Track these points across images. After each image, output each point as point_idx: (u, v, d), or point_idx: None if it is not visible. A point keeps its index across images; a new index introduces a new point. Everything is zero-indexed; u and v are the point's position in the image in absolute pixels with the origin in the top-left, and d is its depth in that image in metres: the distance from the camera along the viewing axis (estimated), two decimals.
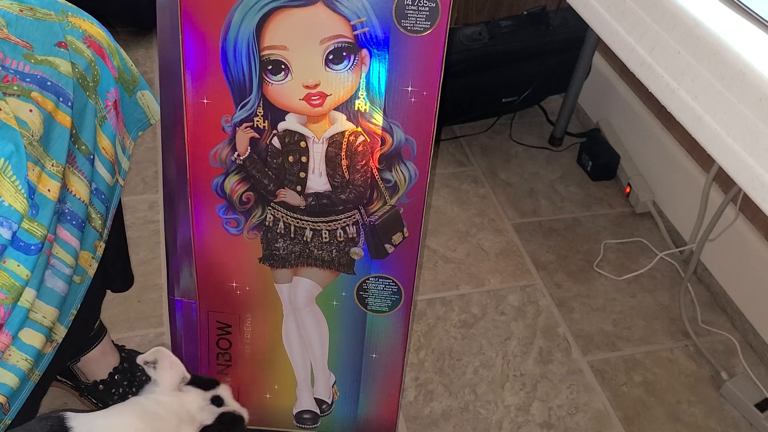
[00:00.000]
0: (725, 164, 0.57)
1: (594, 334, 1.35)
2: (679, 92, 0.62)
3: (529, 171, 1.70)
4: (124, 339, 1.23)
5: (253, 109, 0.86)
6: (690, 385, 1.28)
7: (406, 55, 0.82)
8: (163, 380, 0.85)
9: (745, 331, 1.36)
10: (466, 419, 1.19)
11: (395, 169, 0.89)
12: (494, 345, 1.31)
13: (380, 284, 0.96)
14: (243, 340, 1.02)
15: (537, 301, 1.40)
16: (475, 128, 1.79)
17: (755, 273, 1.32)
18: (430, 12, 0.80)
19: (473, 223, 1.56)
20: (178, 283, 0.98)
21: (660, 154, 1.58)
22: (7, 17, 0.73)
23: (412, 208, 0.91)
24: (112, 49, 0.84)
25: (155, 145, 1.64)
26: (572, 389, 1.25)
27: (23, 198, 0.67)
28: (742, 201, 1.33)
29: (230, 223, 0.93)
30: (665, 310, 1.41)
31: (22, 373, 0.75)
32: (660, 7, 0.65)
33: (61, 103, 0.73)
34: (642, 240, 1.54)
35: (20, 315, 0.71)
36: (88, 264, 0.83)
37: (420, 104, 0.84)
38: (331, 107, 0.86)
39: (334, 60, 0.83)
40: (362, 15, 0.81)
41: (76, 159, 0.77)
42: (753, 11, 0.61)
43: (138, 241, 1.41)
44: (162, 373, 0.85)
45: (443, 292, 1.40)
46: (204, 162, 0.89)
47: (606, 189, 1.67)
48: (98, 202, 0.83)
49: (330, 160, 0.88)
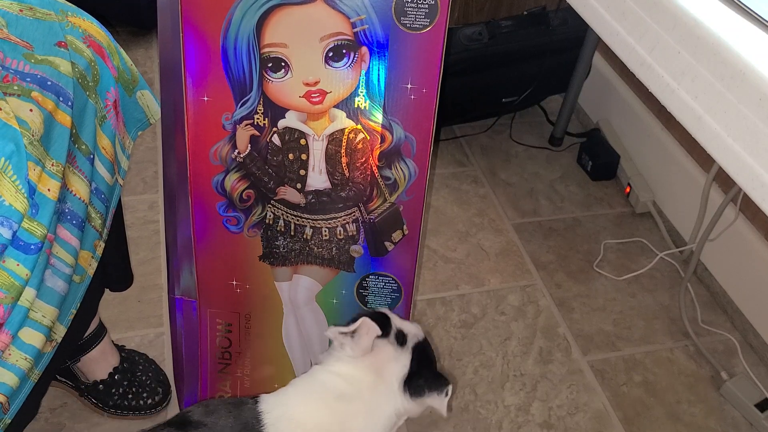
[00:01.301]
0: (725, 164, 0.57)
1: (594, 334, 1.35)
2: (679, 92, 0.62)
3: (529, 171, 1.70)
4: (124, 339, 1.23)
5: (254, 106, 0.86)
6: (690, 385, 1.28)
7: (405, 52, 0.82)
8: (359, 346, 0.83)
9: (745, 331, 1.35)
10: (466, 419, 1.19)
11: (395, 166, 0.89)
12: (494, 345, 1.31)
13: (380, 282, 0.96)
14: (243, 338, 1.02)
15: (537, 301, 1.40)
16: (475, 128, 1.79)
17: (755, 273, 1.32)
18: (430, 9, 0.80)
19: (473, 223, 1.56)
20: (179, 282, 0.98)
21: (660, 154, 1.58)
22: (7, 17, 0.73)
23: (411, 206, 0.91)
24: (112, 49, 0.84)
25: (155, 145, 1.64)
26: (572, 389, 1.25)
27: (23, 198, 0.67)
28: (742, 201, 1.33)
29: (230, 221, 0.93)
30: (665, 310, 1.41)
31: (22, 372, 0.75)
32: (660, 7, 0.65)
33: (61, 103, 0.73)
34: (642, 240, 1.54)
35: (20, 314, 0.71)
36: (87, 263, 0.83)
37: (419, 101, 0.85)
38: (331, 105, 0.86)
39: (333, 57, 0.83)
40: (362, 12, 0.81)
41: (76, 158, 0.77)
42: (753, 11, 0.61)
43: (138, 241, 1.41)
44: (359, 341, 0.83)
45: (443, 292, 1.40)
46: (204, 160, 0.89)
47: (606, 189, 1.67)
48: (98, 201, 0.83)
49: (330, 157, 0.89)
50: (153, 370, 1.15)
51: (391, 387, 0.83)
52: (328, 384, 0.82)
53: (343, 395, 0.81)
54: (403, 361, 0.84)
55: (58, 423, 1.11)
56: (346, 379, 0.82)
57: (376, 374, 0.83)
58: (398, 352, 0.85)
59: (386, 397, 0.83)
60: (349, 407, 0.81)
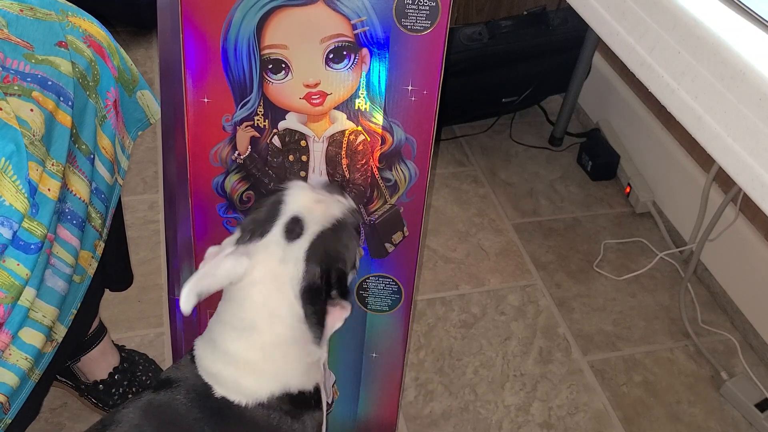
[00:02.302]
0: (725, 164, 0.57)
1: (594, 334, 1.35)
2: (679, 92, 0.62)
3: (529, 171, 1.70)
4: (124, 339, 1.23)
5: (254, 108, 0.86)
6: (690, 385, 1.28)
7: (406, 54, 0.82)
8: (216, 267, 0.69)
9: (745, 331, 1.36)
10: (466, 419, 1.19)
11: (395, 168, 0.89)
12: (494, 345, 1.31)
13: (380, 283, 0.96)
14: None
15: (537, 301, 1.40)
16: (475, 128, 1.79)
17: (755, 273, 1.32)
18: (430, 11, 0.80)
19: (473, 223, 1.56)
20: (179, 283, 0.98)
21: (660, 154, 1.58)
22: (8, 17, 0.73)
23: (412, 207, 0.91)
24: (112, 49, 0.84)
25: (155, 145, 1.64)
26: (572, 389, 1.25)
27: (24, 198, 0.67)
28: (742, 201, 1.33)
29: (231, 223, 0.93)
30: (665, 310, 1.41)
31: (22, 372, 0.75)
32: (660, 7, 0.65)
33: (61, 103, 0.73)
34: (642, 240, 1.54)
35: (20, 314, 0.71)
36: (88, 263, 0.83)
37: (420, 103, 0.85)
38: (331, 106, 0.86)
39: (334, 59, 0.83)
40: (362, 14, 0.81)
41: (76, 158, 0.77)
42: (753, 11, 0.61)
43: (138, 241, 1.41)
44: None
45: (443, 292, 1.40)
46: (204, 161, 0.89)
47: (606, 189, 1.67)
48: (98, 201, 0.83)
49: (330, 159, 0.89)
50: (153, 370, 1.15)
51: (287, 298, 0.69)
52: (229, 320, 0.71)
53: (245, 328, 0.70)
54: (293, 261, 0.69)
55: (58, 423, 1.11)
56: (241, 305, 0.70)
57: (267, 287, 0.69)
58: (287, 249, 0.69)
59: (286, 310, 0.69)
60: (252, 340, 0.70)
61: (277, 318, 0.70)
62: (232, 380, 0.71)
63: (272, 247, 0.70)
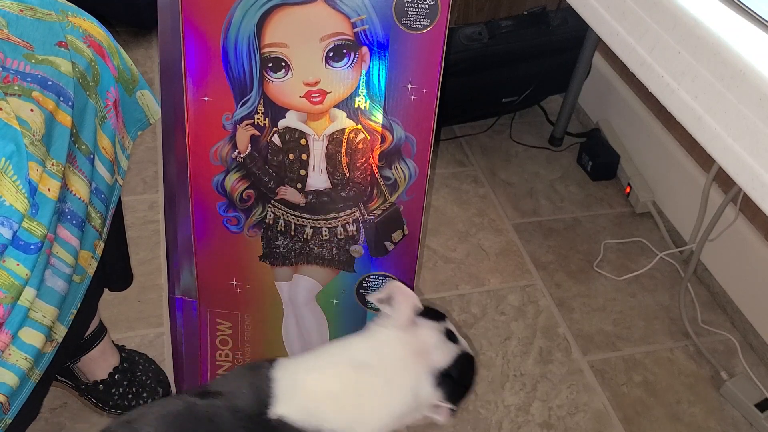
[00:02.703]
0: (725, 164, 0.57)
1: (594, 334, 1.35)
2: (679, 92, 0.62)
3: (529, 171, 1.70)
4: (124, 339, 1.23)
5: (254, 106, 0.86)
6: (690, 385, 1.28)
7: (405, 52, 0.82)
8: (400, 314, 0.80)
9: (745, 331, 1.36)
10: (466, 419, 1.19)
11: (395, 166, 0.89)
12: (494, 345, 1.31)
13: (380, 282, 0.96)
14: (243, 338, 1.02)
15: (537, 301, 1.40)
16: (475, 128, 1.79)
17: (755, 273, 1.32)
18: (430, 9, 0.80)
19: (473, 223, 1.56)
20: (179, 282, 0.98)
21: (660, 154, 1.58)
22: (8, 17, 0.73)
23: (412, 206, 0.91)
24: (112, 49, 0.84)
25: (155, 145, 1.64)
26: (572, 389, 1.25)
27: (24, 198, 0.67)
28: (742, 201, 1.33)
29: (231, 221, 0.93)
30: (665, 310, 1.41)
31: (22, 372, 0.75)
32: (660, 7, 0.65)
33: (61, 103, 0.73)
34: (642, 240, 1.54)
35: (20, 314, 0.71)
36: (87, 263, 0.83)
37: (420, 102, 0.85)
38: (331, 105, 0.86)
39: (334, 57, 0.83)
40: (362, 12, 0.81)
41: (76, 158, 0.77)
42: (753, 11, 0.61)
43: (138, 241, 1.41)
44: (398, 308, 0.80)
45: (443, 292, 1.40)
46: (204, 160, 0.89)
47: (606, 189, 1.67)
48: (98, 201, 0.83)
49: (330, 157, 0.89)
50: (153, 370, 1.15)
51: (421, 371, 0.78)
52: (354, 352, 0.78)
53: (365, 365, 0.76)
54: (446, 354, 0.80)
55: (58, 423, 1.11)
56: (375, 349, 0.78)
57: (412, 353, 0.78)
58: (445, 344, 0.80)
59: (411, 379, 0.77)
60: (366, 379, 0.76)
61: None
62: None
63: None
